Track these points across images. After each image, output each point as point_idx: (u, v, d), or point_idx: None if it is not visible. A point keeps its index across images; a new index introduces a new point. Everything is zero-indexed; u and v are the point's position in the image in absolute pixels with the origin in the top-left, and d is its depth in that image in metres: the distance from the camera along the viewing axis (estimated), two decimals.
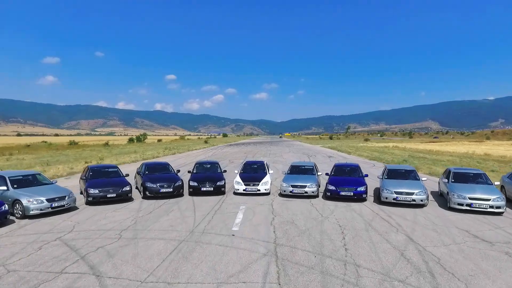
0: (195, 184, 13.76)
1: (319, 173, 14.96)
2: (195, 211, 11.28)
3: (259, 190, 13.61)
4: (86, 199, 12.08)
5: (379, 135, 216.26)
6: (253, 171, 15.19)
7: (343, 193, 12.49)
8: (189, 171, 15.49)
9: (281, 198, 13.38)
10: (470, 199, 10.79)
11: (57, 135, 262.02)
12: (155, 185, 13.02)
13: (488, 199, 10.60)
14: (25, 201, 9.96)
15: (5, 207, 9.41)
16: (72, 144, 69.01)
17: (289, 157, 35.94)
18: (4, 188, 10.63)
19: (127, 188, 12.50)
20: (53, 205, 10.40)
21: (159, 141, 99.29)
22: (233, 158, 35.61)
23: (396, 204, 11.81)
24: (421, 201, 11.50)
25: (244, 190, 13.65)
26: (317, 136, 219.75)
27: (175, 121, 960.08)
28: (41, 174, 12.38)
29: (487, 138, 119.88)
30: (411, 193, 11.55)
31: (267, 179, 14.13)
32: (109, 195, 11.98)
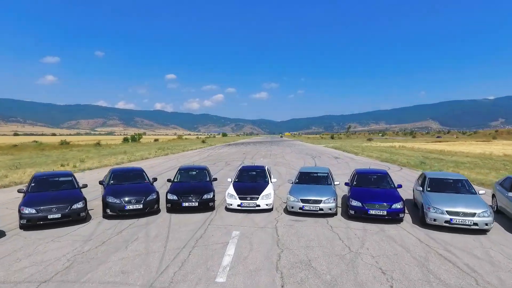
0: (175, 197, 10.44)
1: (336, 183, 11.60)
2: (168, 240, 7.96)
3: (258, 205, 10.29)
4: (19, 221, 8.76)
5: (380, 134, 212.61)
6: (251, 180, 11.86)
7: (372, 212, 9.15)
8: (169, 180, 12.18)
9: (288, 216, 10.08)
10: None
11: (54, 134, 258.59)
12: (118, 200, 9.70)
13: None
14: None
15: None
16: (63, 143, 65.84)
17: (291, 159, 32.69)
18: None
19: (79, 205, 9.15)
20: None
21: (156, 140, 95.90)
22: (230, 159, 32.28)
23: (445, 228, 8.50)
24: (486, 225, 8.20)
25: (238, 205, 10.34)
26: (318, 135, 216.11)
27: (175, 121, 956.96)
28: None
29: (494, 137, 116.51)
30: (472, 214, 8.25)
31: (269, 190, 10.82)
32: (51, 216, 8.65)
